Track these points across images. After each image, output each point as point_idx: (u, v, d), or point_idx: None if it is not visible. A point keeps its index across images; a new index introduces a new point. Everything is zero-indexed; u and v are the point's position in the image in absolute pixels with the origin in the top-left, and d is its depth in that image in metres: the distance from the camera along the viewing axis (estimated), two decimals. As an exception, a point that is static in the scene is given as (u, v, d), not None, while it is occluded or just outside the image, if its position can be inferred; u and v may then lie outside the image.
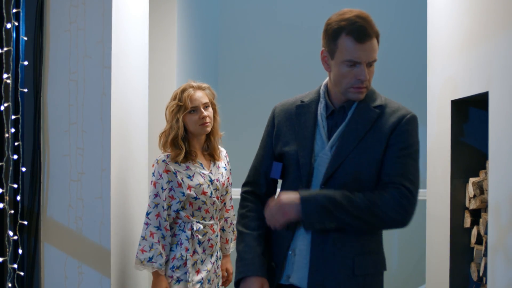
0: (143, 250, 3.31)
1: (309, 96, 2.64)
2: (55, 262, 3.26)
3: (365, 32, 2.40)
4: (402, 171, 2.43)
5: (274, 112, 2.71)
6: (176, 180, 3.35)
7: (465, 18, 3.43)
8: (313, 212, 2.39)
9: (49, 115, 3.26)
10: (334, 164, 2.45)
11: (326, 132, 2.53)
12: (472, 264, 3.61)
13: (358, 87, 2.45)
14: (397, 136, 2.45)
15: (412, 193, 2.43)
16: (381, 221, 2.42)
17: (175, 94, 3.47)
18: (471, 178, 3.57)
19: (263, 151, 2.70)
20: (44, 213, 3.25)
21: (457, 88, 3.51)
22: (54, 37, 3.27)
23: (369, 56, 2.42)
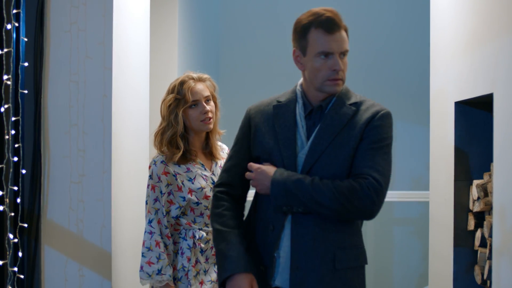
0: (150, 262, 2.96)
1: (285, 96, 2.64)
2: (55, 265, 3.24)
3: (334, 23, 2.43)
4: (371, 163, 2.43)
5: (250, 114, 2.68)
6: (175, 183, 3.06)
7: (469, 19, 3.40)
8: (279, 194, 2.43)
9: (50, 117, 3.24)
10: (310, 160, 2.46)
11: (305, 132, 2.52)
12: (476, 267, 3.58)
13: (334, 78, 2.46)
14: (370, 131, 2.46)
15: (380, 184, 2.40)
16: (346, 210, 2.40)
17: (172, 86, 3.14)
18: (475, 181, 3.55)
19: (239, 153, 2.67)
20: (44, 215, 3.23)
21: (461, 90, 3.49)
22: (54, 38, 3.25)
23: (340, 46, 2.45)
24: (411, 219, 6.22)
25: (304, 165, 2.47)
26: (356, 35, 6.55)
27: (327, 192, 2.38)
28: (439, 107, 3.94)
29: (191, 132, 3.15)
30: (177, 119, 3.07)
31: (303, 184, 2.40)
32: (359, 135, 2.46)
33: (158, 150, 3.13)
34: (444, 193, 3.82)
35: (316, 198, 2.39)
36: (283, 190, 2.42)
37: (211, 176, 3.13)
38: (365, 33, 6.47)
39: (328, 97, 2.52)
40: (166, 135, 3.09)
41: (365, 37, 6.47)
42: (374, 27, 6.50)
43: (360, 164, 2.44)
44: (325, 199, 2.38)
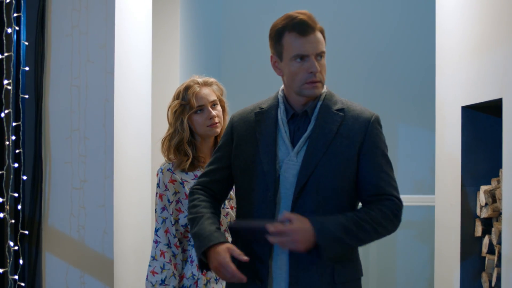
0: (154, 272, 2.91)
1: (268, 102, 2.59)
2: (57, 272, 3.20)
3: (307, 25, 2.39)
4: (386, 177, 2.43)
5: (233, 122, 2.63)
6: (183, 191, 2.96)
7: (477, 22, 3.35)
8: (329, 245, 2.34)
9: (51, 122, 3.20)
10: (305, 172, 2.40)
11: (288, 136, 2.47)
12: (483, 274, 3.54)
13: (312, 81, 2.41)
14: (370, 141, 2.43)
15: (401, 201, 2.43)
16: (380, 236, 2.43)
17: (177, 92, 3.05)
18: (482, 186, 3.50)
19: (220, 161, 2.62)
20: (45, 222, 3.19)
21: (468, 94, 3.44)
22: (55, 41, 3.21)
23: (315, 48, 2.40)
24: (414, 223, 6.17)
25: (300, 178, 2.40)
26: (359, 37, 6.55)
27: (369, 228, 2.36)
28: (445, 112, 3.90)
29: (199, 138, 3.06)
30: (183, 126, 2.98)
31: (347, 227, 2.34)
32: (355, 146, 2.42)
33: (165, 157, 3.05)
34: (451, 199, 3.77)
35: (360, 237, 2.36)
36: (332, 239, 2.33)
37: None
38: (368, 35, 6.43)
39: (311, 101, 2.48)
40: (173, 141, 3.00)
41: (368, 39, 6.43)
42: (377, 29, 6.46)
43: (377, 181, 2.42)
44: (368, 235, 2.37)
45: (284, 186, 2.43)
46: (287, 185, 2.43)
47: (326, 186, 2.39)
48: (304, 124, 2.48)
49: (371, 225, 2.36)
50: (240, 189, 2.56)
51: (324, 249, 2.32)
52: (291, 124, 2.49)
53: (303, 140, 2.44)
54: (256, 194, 2.47)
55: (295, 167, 2.43)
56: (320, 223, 2.32)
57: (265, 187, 2.44)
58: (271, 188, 2.43)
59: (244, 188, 2.53)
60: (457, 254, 3.64)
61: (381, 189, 2.42)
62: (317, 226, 2.31)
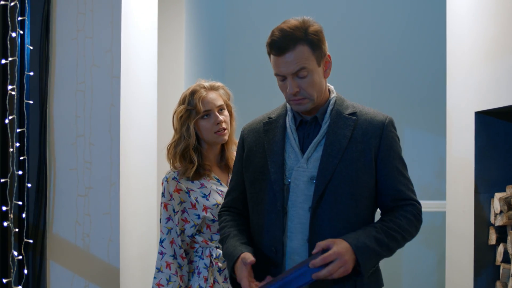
0: (159, 284, 2.82)
1: (276, 111, 2.56)
2: (61, 281, 3.14)
3: (279, 45, 2.32)
4: (406, 184, 2.42)
5: (243, 134, 2.60)
6: (189, 200, 2.88)
7: (491, 25, 3.28)
8: (368, 261, 2.28)
9: (55, 128, 3.14)
10: (323, 180, 2.34)
11: (297, 143, 2.42)
12: (497, 283, 3.46)
13: (294, 99, 2.37)
14: (387, 147, 2.40)
15: (420, 204, 2.43)
16: (406, 242, 2.42)
17: (183, 96, 2.96)
18: (497, 194, 3.42)
19: (237, 176, 2.60)
20: (50, 230, 3.13)
21: (482, 99, 3.36)
22: (60, 45, 3.15)
23: (289, 69, 2.32)
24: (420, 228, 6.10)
25: (317, 186, 2.33)
26: (366, 39, 6.48)
27: (398, 236, 2.34)
28: (457, 117, 3.82)
29: (205, 145, 2.98)
30: (189, 132, 2.90)
31: (380, 239, 2.30)
32: (371, 151, 2.37)
33: (171, 165, 2.96)
34: (463, 205, 3.70)
35: (391, 247, 2.34)
36: (369, 254, 2.28)
37: None
38: (375, 37, 6.37)
39: (320, 108, 2.43)
40: (179, 148, 2.91)
41: (374, 42, 6.37)
42: (385, 31, 6.39)
43: (396, 185, 2.40)
44: (397, 244, 2.36)
45: (295, 193, 2.37)
46: (297, 192, 2.37)
47: (344, 194, 2.34)
48: (314, 130, 2.43)
49: (399, 233, 2.34)
50: (250, 201, 2.52)
51: (364, 265, 2.25)
52: (300, 131, 2.45)
53: (313, 146, 2.39)
54: (264, 205, 2.42)
55: (306, 174, 2.37)
56: (355, 239, 2.26)
57: (273, 198, 2.39)
58: (279, 198, 2.38)
59: (253, 200, 2.48)
60: (470, 262, 3.57)
61: (401, 193, 2.40)
62: (353, 242, 2.25)
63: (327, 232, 2.32)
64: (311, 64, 2.33)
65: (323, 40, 2.38)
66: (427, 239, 6.00)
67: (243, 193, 2.57)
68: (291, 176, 2.38)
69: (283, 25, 2.36)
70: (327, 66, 2.41)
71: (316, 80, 2.36)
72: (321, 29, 2.39)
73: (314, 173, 2.36)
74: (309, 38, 2.33)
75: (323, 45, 2.38)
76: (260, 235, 2.43)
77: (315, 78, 2.35)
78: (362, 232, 2.30)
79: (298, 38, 2.32)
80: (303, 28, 2.34)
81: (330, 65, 2.42)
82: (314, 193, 2.33)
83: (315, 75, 2.35)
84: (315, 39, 2.34)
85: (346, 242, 2.23)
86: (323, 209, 2.33)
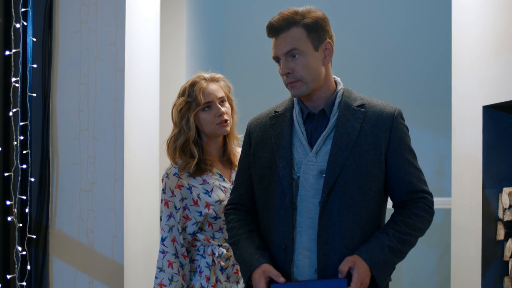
0: (162, 284, 2.73)
1: (283, 105, 2.51)
2: (64, 277, 3.09)
3: (273, 27, 2.35)
4: (418, 175, 2.39)
5: (249, 129, 2.55)
6: (191, 197, 2.79)
7: (500, 17, 3.24)
8: (383, 274, 2.29)
9: (59, 121, 3.09)
10: (333, 173, 2.30)
11: (305, 137, 2.38)
12: (505, 279, 3.42)
13: (287, 83, 2.36)
14: (397, 139, 2.37)
15: (431, 195, 2.41)
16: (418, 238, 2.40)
17: (183, 88, 2.87)
18: (505, 188, 3.39)
19: (242, 172, 2.55)
20: (53, 225, 3.08)
21: (491, 93, 3.33)
22: (64, 38, 3.10)
23: (281, 49, 2.34)
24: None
25: (327, 179, 2.29)
26: (367, 33, 6.44)
27: (411, 238, 2.34)
28: (464, 111, 3.79)
29: (205, 138, 2.89)
30: (189, 124, 2.81)
31: (393, 247, 2.30)
32: (382, 144, 2.34)
33: (171, 160, 2.87)
34: (470, 201, 3.66)
35: (405, 251, 2.34)
36: (384, 266, 2.28)
37: (230, 187, 2.83)
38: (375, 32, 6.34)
39: (327, 101, 2.39)
40: (179, 142, 2.82)
41: (374, 36, 6.34)
42: (388, 26, 6.35)
43: (408, 177, 2.37)
44: (411, 245, 2.36)
45: (304, 188, 2.33)
46: (307, 186, 2.33)
47: (353, 187, 2.30)
48: (323, 123, 2.39)
49: (412, 234, 2.34)
50: (258, 197, 2.47)
51: (380, 279, 2.27)
52: (308, 124, 2.41)
53: (322, 139, 2.35)
54: (273, 202, 2.38)
55: (315, 168, 2.33)
56: (370, 253, 2.26)
57: (282, 193, 2.35)
58: (288, 193, 2.34)
59: (262, 196, 2.44)
60: (478, 258, 3.53)
61: (412, 185, 2.38)
62: (368, 258, 2.26)
63: (337, 226, 2.29)
64: (305, 46, 2.32)
65: (323, 26, 2.36)
66: (427, 236, 5.95)
67: (250, 189, 2.52)
68: (300, 170, 2.34)
69: (286, 10, 2.37)
70: (326, 53, 2.37)
71: (311, 63, 2.33)
72: (323, 16, 2.38)
73: (323, 167, 2.32)
74: (305, 22, 2.33)
75: (323, 31, 2.35)
76: (269, 232, 2.39)
77: (310, 61, 2.32)
78: (376, 243, 2.29)
79: (294, 21, 2.33)
80: (303, 13, 2.35)
81: (331, 52, 2.37)
82: (324, 187, 2.30)
83: (310, 58, 2.33)
84: (312, 23, 2.33)
85: (362, 259, 2.24)
86: (332, 203, 2.30)
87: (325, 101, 2.39)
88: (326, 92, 2.40)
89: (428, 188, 2.41)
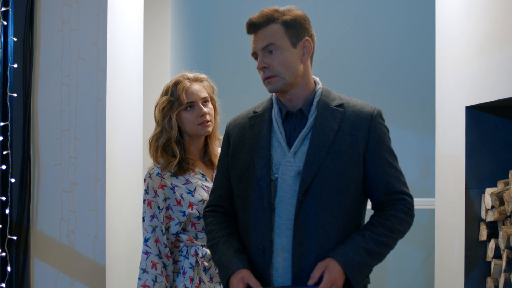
0: (145, 285, 2.71)
1: (262, 105, 2.51)
2: (46, 279, 3.07)
3: (252, 24, 2.37)
4: (397, 176, 2.37)
5: (228, 129, 2.54)
6: (174, 197, 2.78)
7: (485, 18, 3.24)
8: (358, 275, 2.26)
9: (40, 122, 3.07)
10: (309, 173, 2.29)
11: (284, 138, 2.37)
12: (488, 279, 3.43)
13: (264, 77, 2.36)
14: (376, 139, 2.36)
15: (411, 197, 2.39)
16: (397, 241, 2.37)
17: (166, 87, 2.88)
18: (488, 189, 3.39)
19: (221, 173, 2.53)
20: (34, 226, 3.05)
21: (474, 94, 3.33)
22: (45, 38, 3.08)
23: (258, 45, 2.35)
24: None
25: (303, 179, 2.28)
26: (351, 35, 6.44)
27: (388, 240, 2.31)
28: (447, 112, 3.79)
29: (187, 138, 2.89)
30: (171, 123, 2.81)
31: (369, 249, 2.27)
32: (361, 143, 2.33)
33: (153, 159, 2.86)
34: (453, 201, 3.67)
35: (382, 253, 2.30)
36: (359, 268, 2.25)
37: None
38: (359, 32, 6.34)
39: (306, 100, 2.38)
40: (160, 141, 2.82)
41: (358, 37, 6.33)
42: (372, 28, 6.36)
43: (386, 178, 2.35)
44: (388, 248, 2.32)
45: (282, 189, 2.32)
46: (285, 187, 2.31)
47: (330, 188, 2.29)
48: (301, 123, 2.38)
49: (389, 236, 2.31)
50: (237, 199, 2.45)
51: (354, 281, 2.24)
52: (287, 124, 2.40)
53: (300, 139, 2.34)
54: (252, 203, 2.36)
55: (293, 168, 2.32)
56: (344, 255, 2.24)
57: (260, 194, 2.33)
58: (266, 194, 2.32)
59: (240, 197, 2.42)
60: (461, 258, 3.53)
61: (391, 186, 2.35)
62: (342, 259, 2.23)
63: (312, 227, 2.28)
64: (282, 41, 2.33)
65: (302, 24, 2.36)
66: (413, 237, 5.97)
67: (228, 190, 2.50)
68: (278, 171, 2.33)
69: (267, 8, 2.38)
70: (305, 51, 2.36)
71: (288, 59, 2.33)
72: (303, 15, 2.38)
73: (301, 168, 2.31)
74: (284, 19, 2.34)
75: (301, 29, 2.36)
76: (248, 234, 2.38)
77: (287, 57, 2.32)
78: (351, 245, 2.26)
79: (273, 18, 2.34)
80: (283, 11, 2.36)
81: (310, 50, 2.37)
82: (300, 187, 2.28)
83: (287, 53, 2.33)
84: (290, 20, 2.34)
85: (335, 261, 2.22)
86: (308, 204, 2.28)
87: (304, 100, 2.38)
88: (305, 91, 2.39)
89: (408, 190, 2.38)
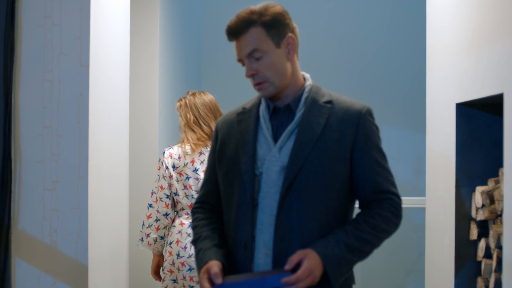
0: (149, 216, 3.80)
1: (251, 102, 2.48)
2: (27, 279, 3.00)
3: (231, 30, 2.34)
4: (385, 175, 2.32)
5: (217, 126, 2.52)
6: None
7: (474, 15, 3.20)
8: (338, 271, 2.20)
9: (21, 118, 3.01)
10: (293, 169, 2.25)
11: (271, 133, 2.34)
12: (479, 279, 3.38)
13: (254, 84, 2.34)
14: (364, 137, 2.30)
15: (399, 197, 2.33)
16: (382, 241, 2.33)
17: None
18: (478, 187, 3.35)
19: (210, 169, 2.51)
20: (15, 225, 3.00)
21: (464, 90, 3.28)
22: (26, 32, 3.02)
23: (242, 51, 2.32)
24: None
25: (287, 175, 2.24)
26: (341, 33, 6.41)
27: (371, 238, 2.25)
28: (437, 109, 3.75)
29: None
30: None
31: (350, 244, 2.22)
32: (348, 140, 2.28)
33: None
34: (443, 200, 3.62)
35: (364, 250, 2.25)
36: (338, 262, 2.20)
37: None
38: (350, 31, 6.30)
39: (294, 96, 2.35)
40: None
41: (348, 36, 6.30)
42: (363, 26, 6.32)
43: (374, 177, 2.30)
44: (371, 246, 2.27)
45: (267, 184, 2.28)
46: (269, 183, 2.28)
47: (315, 184, 2.24)
48: (288, 119, 2.34)
49: (373, 234, 2.25)
50: (223, 194, 2.43)
51: (333, 275, 2.18)
52: (274, 120, 2.36)
53: (286, 135, 2.30)
54: (236, 198, 2.32)
55: (278, 164, 2.28)
56: (324, 247, 2.19)
57: (244, 189, 2.30)
58: (249, 189, 2.28)
59: (226, 193, 2.39)
60: (451, 258, 3.49)
61: (378, 185, 2.30)
62: (321, 251, 2.18)
63: (295, 223, 2.24)
64: (266, 45, 2.28)
65: (282, 21, 2.31)
66: (405, 236, 5.94)
67: (215, 187, 2.47)
68: (263, 166, 2.30)
69: (242, 11, 2.33)
70: (290, 48, 2.32)
71: (275, 62, 2.29)
72: (281, 10, 2.32)
73: (286, 163, 2.27)
74: (263, 20, 2.28)
75: (282, 26, 2.30)
76: (232, 230, 2.34)
77: (273, 60, 2.28)
78: (332, 238, 2.22)
79: (251, 21, 2.29)
80: (260, 12, 2.30)
81: (294, 46, 2.33)
82: (284, 182, 2.25)
83: (273, 56, 2.28)
84: (270, 20, 2.28)
85: (315, 252, 2.17)
86: (291, 199, 2.24)
87: (292, 96, 2.35)
88: (294, 88, 2.35)
89: (397, 190, 2.34)
